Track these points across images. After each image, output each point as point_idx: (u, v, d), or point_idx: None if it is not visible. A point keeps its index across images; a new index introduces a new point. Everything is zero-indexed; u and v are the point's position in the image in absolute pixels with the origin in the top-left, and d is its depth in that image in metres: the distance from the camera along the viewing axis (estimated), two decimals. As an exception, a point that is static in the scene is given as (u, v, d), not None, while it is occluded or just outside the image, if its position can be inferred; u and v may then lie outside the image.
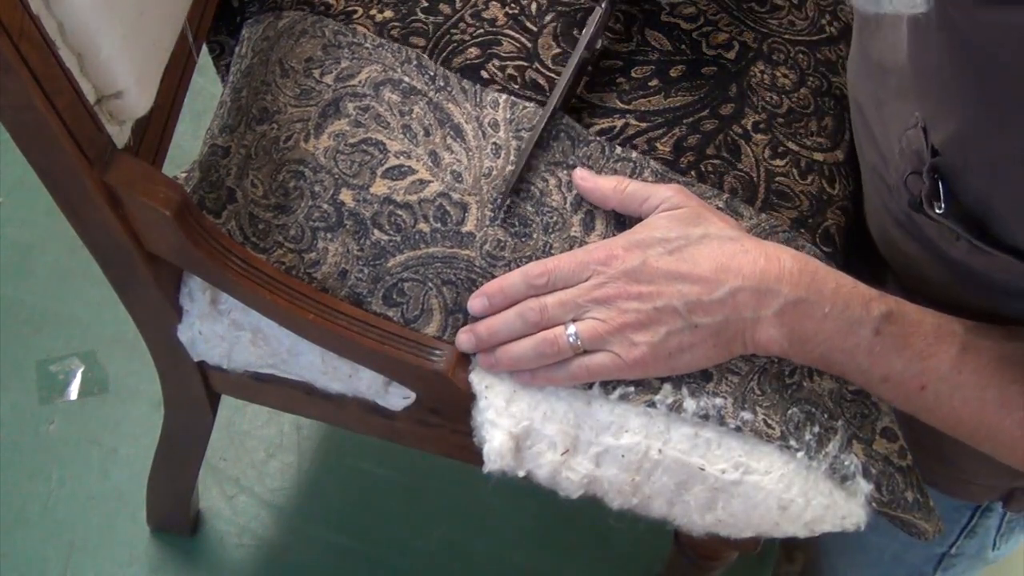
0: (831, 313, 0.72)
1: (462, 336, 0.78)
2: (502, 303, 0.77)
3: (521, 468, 0.79)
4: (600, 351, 0.75)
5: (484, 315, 0.77)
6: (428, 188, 0.79)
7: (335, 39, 0.84)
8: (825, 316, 0.72)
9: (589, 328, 0.74)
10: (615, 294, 0.74)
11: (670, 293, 0.73)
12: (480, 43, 0.84)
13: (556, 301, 0.75)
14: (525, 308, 0.76)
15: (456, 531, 1.28)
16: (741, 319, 0.73)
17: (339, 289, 0.79)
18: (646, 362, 0.74)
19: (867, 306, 0.72)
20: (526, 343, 0.76)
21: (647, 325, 0.73)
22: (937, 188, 0.68)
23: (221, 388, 0.96)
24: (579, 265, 0.75)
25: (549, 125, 0.81)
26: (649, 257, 0.74)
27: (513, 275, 0.77)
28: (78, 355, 1.35)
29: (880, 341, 0.71)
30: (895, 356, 0.71)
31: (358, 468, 1.31)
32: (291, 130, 0.81)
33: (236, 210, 0.80)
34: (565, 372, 0.76)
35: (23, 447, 1.29)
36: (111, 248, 0.78)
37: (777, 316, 0.72)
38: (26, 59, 0.62)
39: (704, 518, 0.79)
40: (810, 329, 0.72)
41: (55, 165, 0.70)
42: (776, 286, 0.72)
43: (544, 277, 0.76)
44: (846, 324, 0.71)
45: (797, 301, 0.72)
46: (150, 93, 0.76)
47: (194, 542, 1.26)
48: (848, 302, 0.72)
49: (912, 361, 0.71)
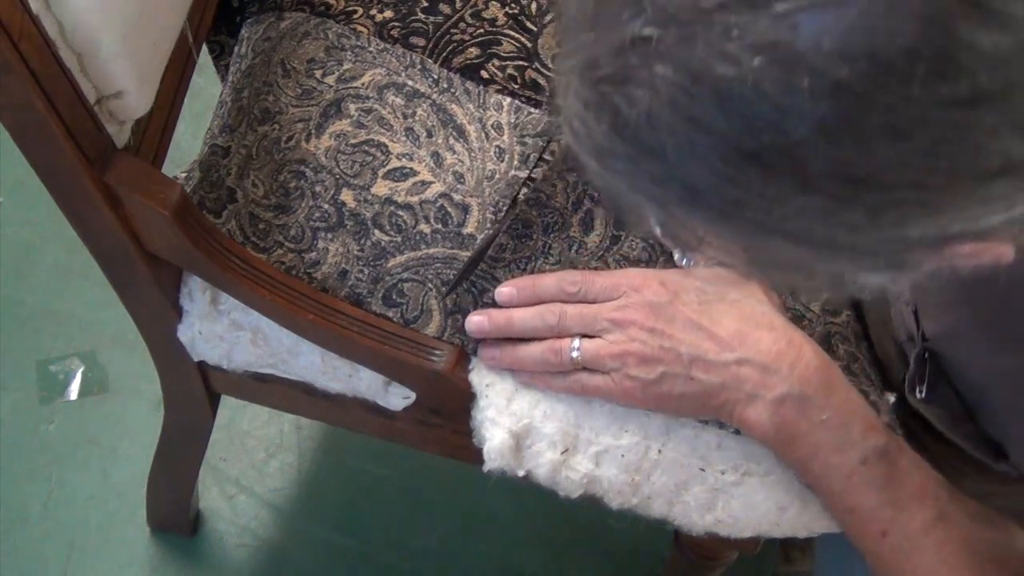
0: (828, 423, 0.70)
1: (475, 317, 0.77)
2: (529, 299, 0.77)
3: (521, 467, 0.79)
4: (599, 372, 0.75)
5: (508, 304, 0.78)
6: (430, 189, 0.79)
7: (338, 41, 0.84)
8: (821, 423, 0.70)
9: (593, 348, 0.75)
10: (631, 320, 0.74)
11: (681, 339, 0.72)
12: (480, 43, 0.84)
13: (576, 312, 0.75)
14: (546, 311, 0.76)
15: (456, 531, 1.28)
16: (738, 390, 0.72)
17: (339, 289, 0.79)
18: (635, 396, 0.75)
19: (866, 432, 0.70)
20: (532, 348, 0.76)
21: (647, 361, 0.73)
22: (924, 372, 0.68)
23: (221, 388, 0.96)
24: (613, 285, 0.75)
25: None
26: (678, 300, 0.73)
27: (549, 277, 0.77)
28: (78, 355, 1.35)
29: (863, 472, 0.70)
30: (871, 493, 0.70)
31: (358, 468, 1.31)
32: (292, 130, 0.81)
33: (236, 210, 0.80)
34: (562, 382, 0.77)
35: (23, 447, 1.29)
36: (111, 248, 0.78)
37: (774, 403, 0.71)
38: (26, 59, 0.62)
39: (704, 518, 0.79)
40: (802, 430, 0.71)
41: (55, 165, 0.70)
42: (786, 372, 0.70)
43: (577, 286, 0.76)
44: (838, 440, 0.70)
45: (800, 397, 0.70)
46: (150, 93, 0.76)
47: (194, 542, 1.26)
48: (849, 420, 0.70)
49: (885, 505, 0.70)
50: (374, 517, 1.28)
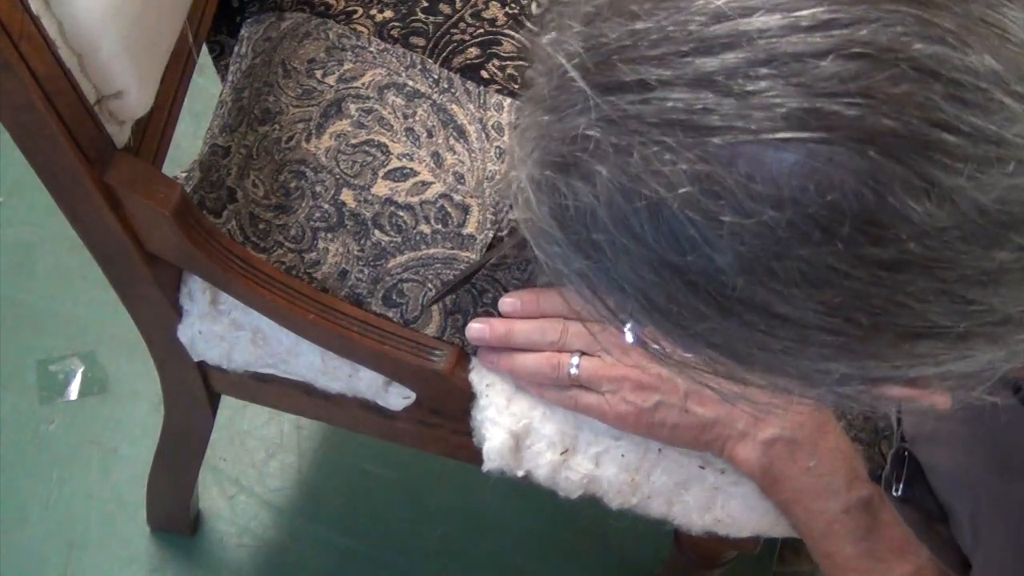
0: (815, 469, 0.71)
1: (476, 325, 0.78)
2: (532, 312, 0.77)
3: (520, 468, 0.79)
4: (594, 391, 0.75)
5: (511, 315, 0.78)
6: (430, 189, 0.79)
7: (339, 42, 0.84)
8: (808, 470, 0.71)
9: (592, 366, 0.75)
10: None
11: None
12: (480, 43, 0.84)
13: (579, 330, 0.75)
14: (548, 325, 0.76)
15: (456, 531, 1.28)
16: (731, 427, 0.72)
17: (339, 289, 0.79)
18: (627, 420, 0.75)
19: (852, 483, 0.71)
20: (532, 359, 0.76)
21: (644, 387, 0.73)
22: (901, 471, 0.67)
23: (221, 388, 0.96)
24: None
25: None
26: None
27: (554, 292, 0.77)
28: (78, 355, 1.34)
29: (844, 521, 0.71)
30: (850, 542, 0.71)
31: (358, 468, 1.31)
32: (293, 130, 0.81)
33: (236, 210, 0.80)
34: (556, 395, 0.77)
35: (23, 447, 1.29)
36: (111, 248, 0.78)
37: (765, 444, 0.72)
38: (26, 59, 0.62)
39: (703, 518, 0.79)
40: (788, 473, 0.71)
41: (55, 165, 0.70)
42: (779, 415, 0.71)
43: None
44: (823, 487, 0.71)
45: (791, 440, 0.71)
46: (150, 93, 0.76)
47: (194, 542, 1.26)
48: (836, 468, 0.71)
49: (864, 556, 0.70)
50: (374, 517, 1.28)
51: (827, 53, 0.37)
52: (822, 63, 0.37)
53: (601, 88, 0.40)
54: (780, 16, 0.37)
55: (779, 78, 0.37)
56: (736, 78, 0.37)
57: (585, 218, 0.41)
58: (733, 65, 0.37)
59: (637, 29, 0.39)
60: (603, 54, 0.40)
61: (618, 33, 0.40)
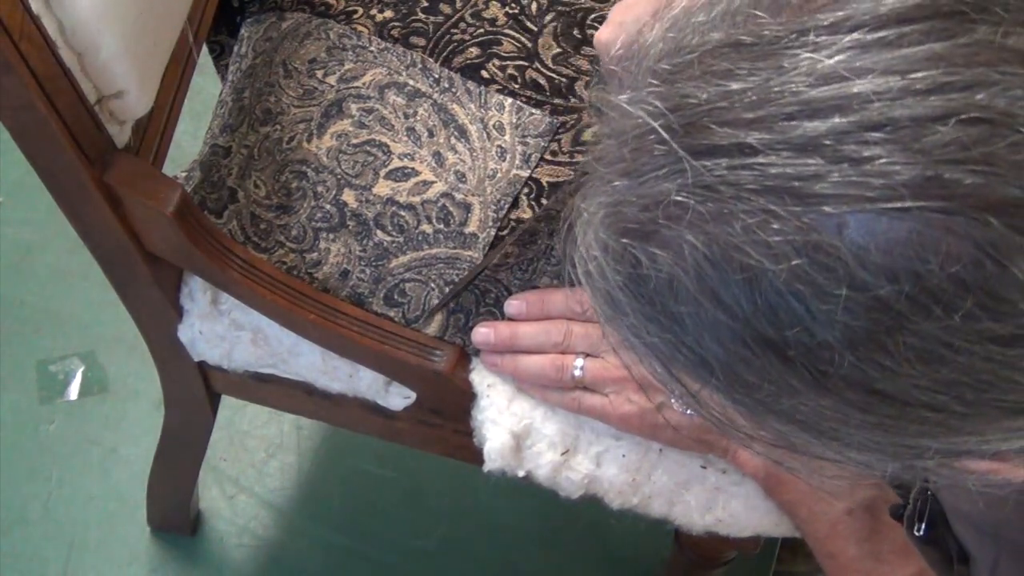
0: None
1: (481, 330, 0.78)
2: (537, 315, 0.77)
3: (521, 468, 0.79)
4: (598, 393, 0.75)
5: (516, 318, 0.78)
6: (431, 189, 0.79)
7: (339, 41, 0.84)
8: None
9: (596, 368, 0.75)
10: None
11: None
12: (480, 43, 0.84)
13: (583, 332, 0.75)
14: (553, 327, 0.76)
15: (456, 531, 1.28)
16: None
17: (340, 289, 0.79)
18: (631, 422, 0.75)
19: (855, 485, 0.70)
20: (536, 361, 0.76)
21: (648, 388, 0.73)
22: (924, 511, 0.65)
23: (221, 388, 0.96)
24: None
25: None
26: None
27: (558, 293, 0.77)
28: (78, 355, 1.34)
29: (848, 522, 0.70)
30: (853, 543, 0.70)
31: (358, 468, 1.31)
32: (294, 130, 0.81)
33: (237, 210, 0.80)
34: (559, 397, 0.77)
35: (23, 447, 1.28)
36: (111, 248, 0.77)
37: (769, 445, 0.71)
38: (26, 59, 0.62)
39: (704, 518, 0.79)
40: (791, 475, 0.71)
41: (55, 165, 0.70)
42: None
43: (586, 305, 0.76)
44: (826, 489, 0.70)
45: None
46: (150, 93, 0.76)
47: (194, 542, 1.26)
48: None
49: (866, 557, 0.70)
50: (374, 517, 1.28)
51: (946, 118, 0.34)
52: (941, 128, 0.34)
53: (692, 152, 0.37)
54: (893, 78, 0.35)
55: (895, 143, 0.35)
56: (847, 143, 0.35)
57: (667, 288, 0.38)
58: (844, 129, 0.35)
59: (733, 89, 0.37)
60: (693, 115, 0.37)
61: (709, 93, 0.37)
